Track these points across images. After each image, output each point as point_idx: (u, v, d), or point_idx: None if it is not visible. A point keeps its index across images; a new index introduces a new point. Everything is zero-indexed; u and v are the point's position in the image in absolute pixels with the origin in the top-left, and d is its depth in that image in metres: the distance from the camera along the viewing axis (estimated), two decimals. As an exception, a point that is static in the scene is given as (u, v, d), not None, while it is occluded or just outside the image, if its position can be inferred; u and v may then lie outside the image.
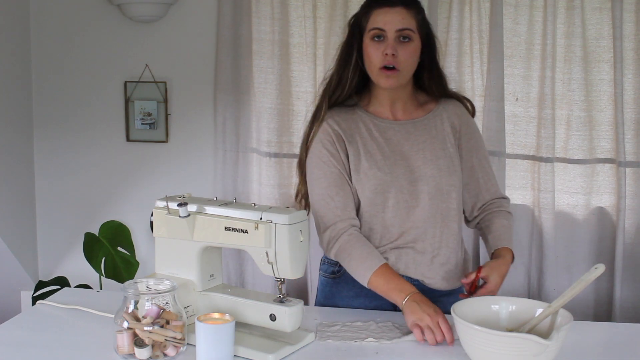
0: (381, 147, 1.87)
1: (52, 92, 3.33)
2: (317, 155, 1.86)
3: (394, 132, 1.89)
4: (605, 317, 2.95)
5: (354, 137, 1.87)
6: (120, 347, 1.48)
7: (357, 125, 1.89)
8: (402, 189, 1.84)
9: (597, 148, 2.92)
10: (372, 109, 1.91)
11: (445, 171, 1.86)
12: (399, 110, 1.91)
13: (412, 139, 1.88)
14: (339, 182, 1.84)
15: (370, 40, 1.82)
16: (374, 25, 1.81)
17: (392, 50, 1.79)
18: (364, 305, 1.88)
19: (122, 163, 3.33)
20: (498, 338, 1.39)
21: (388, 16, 1.80)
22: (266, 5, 3.03)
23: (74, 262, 3.35)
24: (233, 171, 3.15)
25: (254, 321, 1.58)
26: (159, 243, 1.68)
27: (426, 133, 1.89)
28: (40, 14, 3.29)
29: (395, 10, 1.80)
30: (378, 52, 1.80)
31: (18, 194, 3.27)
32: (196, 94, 3.23)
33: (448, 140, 1.90)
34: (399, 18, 1.79)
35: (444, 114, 1.92)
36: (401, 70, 1.82)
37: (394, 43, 1.79)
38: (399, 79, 1.83)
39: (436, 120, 1.91)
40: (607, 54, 2.85)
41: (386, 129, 1.89)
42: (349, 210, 1.84)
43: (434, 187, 1.84)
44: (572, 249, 2.97)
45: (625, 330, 1.81)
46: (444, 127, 1.91)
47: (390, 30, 1.79)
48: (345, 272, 1.87)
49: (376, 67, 1.82)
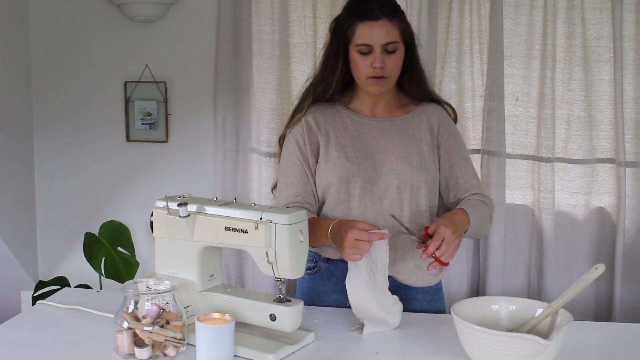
0: (354, 140, 1.91)
1: (52, 92, 3.33)
2: (286, 145, 1.95)
3: (370, 128, 1.93)
4: (605, 317, 2.95)
5: (328, 129, 1.92)
6: (120, 347, 1.48)
7: (334, 118, 1.94)
8: (370, 180, 1.87)
9: (597, 148, 2.92)
10: (353, 107, 1.96)
11: (417, 167, 1.88)
12: (379, 110, 1.96)
13: (387, 135, 1.92)
14: (298, 173, 1.90)
15: (356, 52, 1.85)
16: (359, 40, 1.83)
17: (381, 63, 1.83)
18: (339, 301, 1.89)
19: (122, 163, 3.33)
20: (498, 338, 1.39)
21: (374, 31, 1.81)
22: (266, 5, 3.03)
23: (74, 262, 3.35)
24: (233, 171, 3.15)
25: (254, 321, 1.58)
26: (159, 243, 1.68)
27: (402, 131, 1.93)
28: (40, 14, 3.29)
29: (380, 24, 1.81)
30: (366, 64, 1.84)
31: (18, 194, 3.27)
32: (196, 94, 3.23)
33: (424, 139, 1.93)
34: (384, 32, 1.81)
35: (423, 115, 1.96)
36: (389, 77, 1.86)
37: (381, 56, 1.82)
38: (387, 85, 1.89)
39: (414, 120, 1.95)
40: (607, 54, 2.85)
41: (363, 124, 1.93)
42: (303, 196, 1.88)
43: (403, 181, 1.87)
44: (572, 249, 2.97)
45: (625, 330, 1.81)
46: (421, 127, 1.94)
47: (376, 45, 1.82)
48: (322, 267, 1.92)
49: (364, 76, 1.86)
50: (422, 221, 1.89)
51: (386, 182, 1.87)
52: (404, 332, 1.68)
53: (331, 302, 1.92)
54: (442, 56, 2.94)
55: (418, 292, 1.93)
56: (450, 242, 1.64)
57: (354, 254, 1.64)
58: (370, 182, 1.87)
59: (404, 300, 1.89)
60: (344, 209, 1.88)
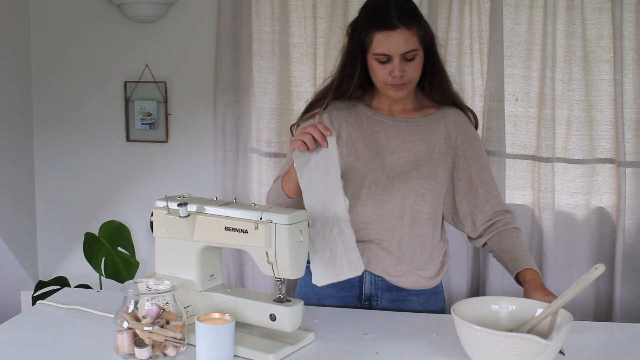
0: (366, 138, 1.89)
1: (52, 92, 3.33)
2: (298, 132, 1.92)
3: (384, 127, 1.90)
4: (605, 317, 2.95)
5: (341, 124, 1.91)
6: (120, 347, 1.48)
7: (350, 114, 1.92)
8: (376, 182, 1.86)
9: (597, 148, 2.92)
10: (373, 104, 1.94)
11: (425, 174, 1.86)
12: (398, 109, 1.93)
13: (401, 136, 1.89)
14: None
15: (374, 60, 1.82)
16: (377, 50, 1.79)
17: (400, 72, 1.79)
18: (332, 295, 1.90)
19: (122, 163, 3.33)
20: (498, 338, 1.39)
21: (392, 40, 1.77)
22: (266, 5, 3.03)
23: (74, 262, 3.35)
24: (233, 171, 3.15)
25: (254, 321, 1.58)
26: (159, 243, 1.68)
27: (417, 134, 1.89)
28: (40, 14, 3.29)
29: (398, 33, 1.77)
30: (385, 72, 1.81)
31: (18, 194, 3.27)
32: (196, 94, 3.23)
33: (437, 145, 1.89)
34: (402, 41, 1.77)
35: (442, 120, 1.92)
36: (410, 82, 1.84)
37: (400, 64, 1.79)
38: (407, 89, 1.85)
39: (431, 125, 1.91)
40: (607, 54, 2.85)
41: (377, 122, 1.91)
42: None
43: (408, 186, 1.85)
44: (572, 249, 2.97)
45: (625, 330, 1.81)
46: (438, 133, 1.90)
47: (395, 55, 1.78)
48: None
49: (383, 82, 1.84)
50: (421, 228, 1.88)
51: (391, 185, 1.86)
52: (404, 332, 1.67)
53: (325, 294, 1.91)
54: (442, 56, 2.93)
55: (412, 294, 1.92)
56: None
57: (295, 141, 1.68)
58: (376, 183, 1.86)
59: (396, 301, 1.89)
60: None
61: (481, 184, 1.90)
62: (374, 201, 1.86)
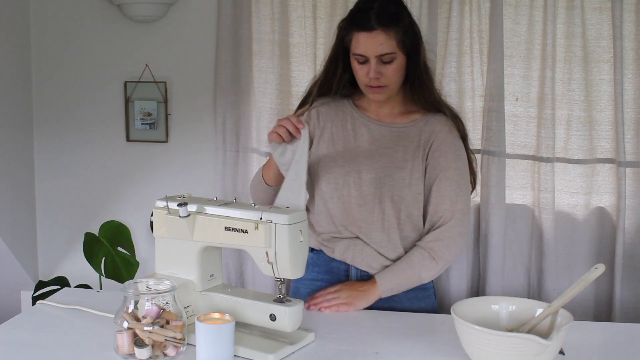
0: (347, 139, 1.93)
1: (52, 92, 3.33)
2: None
3: (367, 130, 1.93)
4: (605, 317, 2.95)
5: (326, 123, 1.95)
6: (120, 347, 1.48)
7: (337, 114, 1.96)
8: (352, 185, 1.89)
9: (597, 148, 2.92)
10: (361, 105, 1.97)
11: (399, 182, 1.88)
12: (383, 113, 1.95)
13: (382, 141, 1.91)
14: None
15: (354, 60, 1.86)
16: (355, 50, 1.83)
17: (376, 74, 1.82)
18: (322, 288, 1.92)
19: (122, 163, 3.33)
20: (498, 338, 1.39)
21: (368, 41, 1.80)
22: (266, 5, 3.03)
23: (74, 262, 3.35)
24: (233, 171, 3.15)
25: (254, 321, 1.59)
26: (159, 243, 1.68)
27: (397, 140, 1.91)
28: (40, 14, 3.29)
29: (374, 35, 1.79)
30: (363, 72, 1.85)
31: (18, 194, 3.27)
32: (196, 94, 3.23)
33: (416, 153, 1.90)
34: (377, 44, 1.79)
35: (425, 127, 1.92)
36: (388, 85, 1.86)
37: (377, 66, 1.81)
38: (386, 93, 1.88)
39: (413, 131, 1.92)
40: (607, 54, 2.85)
41: (361, 124, 1.94)
42: None
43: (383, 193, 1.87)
44: (572, 249, 2.97)
45: (625, 330, 1.81)
46: (419, 139, 1.91)
47: (371, 56, 1.81)
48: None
49: (363, 84, 1.87)
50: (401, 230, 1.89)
51: (367, 190, 1.88)
52: (404, 332, 1.67)
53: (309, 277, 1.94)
54: (442, 56, 2.94)
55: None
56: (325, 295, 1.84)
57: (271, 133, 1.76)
58: (351, 186, 1.89)
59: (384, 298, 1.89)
60: (324, 203, 1.92)
61: (435, 195, 1.89)
62: (349, 204, 1.89)
